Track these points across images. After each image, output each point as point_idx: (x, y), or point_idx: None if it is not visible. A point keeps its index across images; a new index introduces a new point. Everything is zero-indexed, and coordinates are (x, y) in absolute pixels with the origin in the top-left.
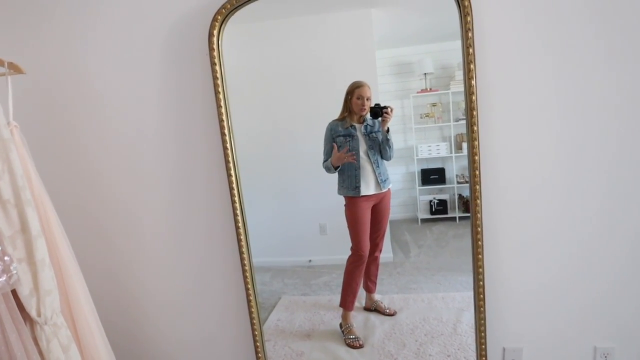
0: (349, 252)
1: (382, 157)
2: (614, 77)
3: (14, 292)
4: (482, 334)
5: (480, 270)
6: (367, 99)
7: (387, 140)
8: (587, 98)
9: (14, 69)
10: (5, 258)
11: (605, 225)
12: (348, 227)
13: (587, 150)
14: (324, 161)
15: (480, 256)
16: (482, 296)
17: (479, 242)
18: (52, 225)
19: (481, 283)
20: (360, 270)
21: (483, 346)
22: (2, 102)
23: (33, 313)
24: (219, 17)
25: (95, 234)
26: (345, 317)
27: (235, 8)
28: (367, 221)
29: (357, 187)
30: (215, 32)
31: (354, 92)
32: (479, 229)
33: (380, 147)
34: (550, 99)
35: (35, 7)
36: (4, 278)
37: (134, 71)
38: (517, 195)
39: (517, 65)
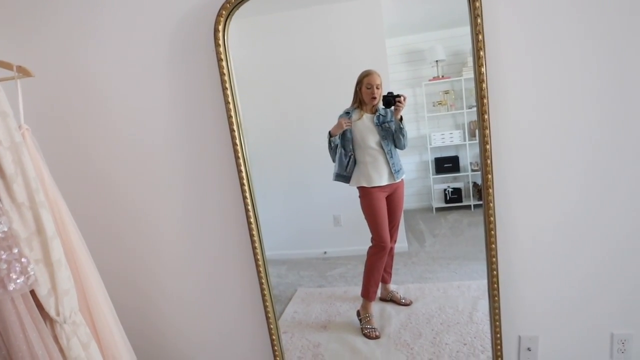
0: (365, 243)
1: (396, 147)
2: (634, 67)
3: (32, 293)
4: (497, 322)
5: (494, 259)
6: (377, 87)
7: (401, 129)
8: (603, 86)
9: (23, 72)
10: (23, 260)
11: (622, 213)
12: (366, 218)
13: (603, 138)
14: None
15: (493, 245)
16: (496, 285)
17: (492, 232)
18: (67, 226)
19: (495, 272)
20: (382, 260)
21: (498, 335)
22: (12, 106)
23: (52, 312)
24: (224, 12)
25: (106, 233)
26: (365, 307)
27: (240, 2)
28: (384, 211)
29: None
30: (220, 28)
31: (363, 81)
32: (492, 219)
33: (394, 137)
34: (564, 87)
35: (39, 6)
36: (22, 279)
37: (140, 71)
38: (531, 184)
39: (529, 52)
